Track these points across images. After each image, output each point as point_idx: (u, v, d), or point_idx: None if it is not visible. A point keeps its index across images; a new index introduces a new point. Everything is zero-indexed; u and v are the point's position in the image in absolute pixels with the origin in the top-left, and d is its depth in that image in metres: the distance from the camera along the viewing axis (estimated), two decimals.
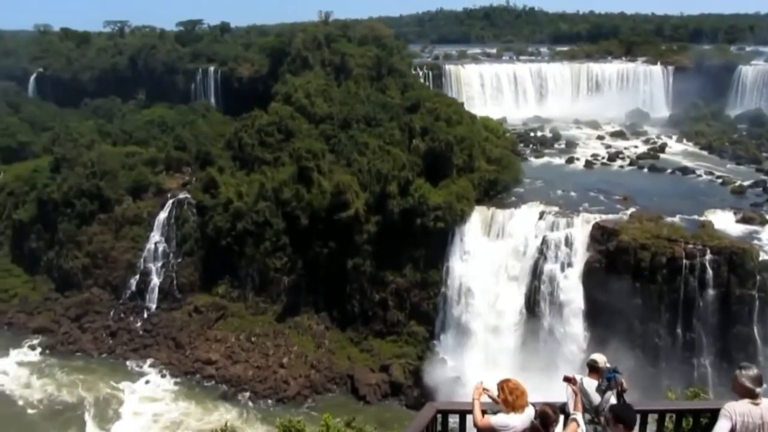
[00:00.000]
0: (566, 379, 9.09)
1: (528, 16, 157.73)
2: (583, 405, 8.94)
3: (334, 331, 51.68)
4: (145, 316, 55.62)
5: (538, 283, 44.27)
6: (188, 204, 57.55)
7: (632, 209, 45.57)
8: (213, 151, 60.17)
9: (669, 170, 57.11)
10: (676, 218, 43.75)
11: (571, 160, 60.85)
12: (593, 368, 9.45)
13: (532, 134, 70.82)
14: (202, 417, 45.10)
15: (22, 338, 55.33)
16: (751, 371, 7.65)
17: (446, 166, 50.78)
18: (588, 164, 59.61)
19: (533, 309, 44.52)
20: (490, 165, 52.74)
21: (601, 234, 42.84)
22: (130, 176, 59.76)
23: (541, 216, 45.84)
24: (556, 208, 46.40)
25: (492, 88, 78.99)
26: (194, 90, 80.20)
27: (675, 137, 69.06)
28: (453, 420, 9.59)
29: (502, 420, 8.23)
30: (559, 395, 9.13)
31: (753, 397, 7.55)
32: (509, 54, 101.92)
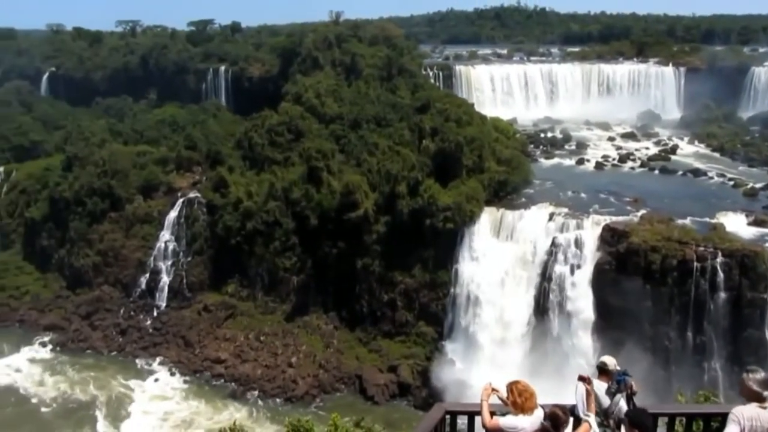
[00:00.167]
0: (581, 378, 9.04)
1: (539, 17, 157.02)
2: None
3: (343, 331, 51.75)
4: (155, 315, 55.97)
5: (548, 285, 44.10)
6: (198, 203, 57.84)
7: (643, 211, 45.24)
8: (223, 151, 60.37)
9: (680, 172, 56.74)
10: (687, 220, 43.45)
11: (582, 162, 60.61)
12: (603, 371, 9.41)
13: (543, 135, 70.54)
14: (212, 416, 45.26)
15: (34, 335, 55.92)
16: (759, 374, 7.56)
17: (456, 167, 50.71)
18: (598, 166, 59.34)
19: (542, 315, 44.22)
20: (500, 166, 52.61)
21: (612, 236, 42.60)
22: (141, 175, 60.15)
23: (551, 217, 45.66)
24: (566, 210, 46.23)
25: (502, 89, 78.68)
26: (205, 90, 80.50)
27: (686, 139, 68.64)
28: (461, 421, 9.57)
29: (511, 422, 8.22)
30: (568, 401, 9.08)
31: (761, 401, 7.45)
32: (520, 54, 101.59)
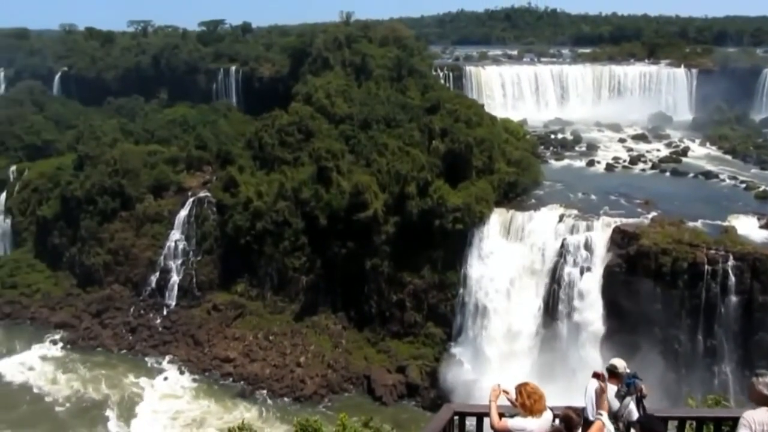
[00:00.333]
0: (595, 375, 9.02)
1: (550, 18, 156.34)
2: None
3: (352, 331, 51.78)
4: (165, 313, 56.25)
5: (557, 288, 43.88)
6: (208, 203, 58.06)
7: (653, 213, 44.98)
8: (233, 151, 60.57)
9: (691, 174, 56.38)
10: (699, 223, 43.15)
11: (592, 163, 60.35)
12: (613, 373, 9.40)
13: (553, 136, 70.29)
14: (223, 415, 45.34)
15: (44, 333, 56.38)
16: None
17: (465, 168, 50.64)
18: (609, 167, 59.07)
19: (551, 325, 43.99)
20: (510, 167, 52.48)
21: (622, 238, 42.41)
22: (152, 174, 60.45)
23: (561, 219, 45.50)
24: (576, 211, 46.06)
25: (513, 90, 78.41)
26: (215, 89, 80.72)
27: (698, 141, 68.17)
28: (470, 422, 9.58)
29: (520, 423, 8.22)
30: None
31: None
32: (530, 56, 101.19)
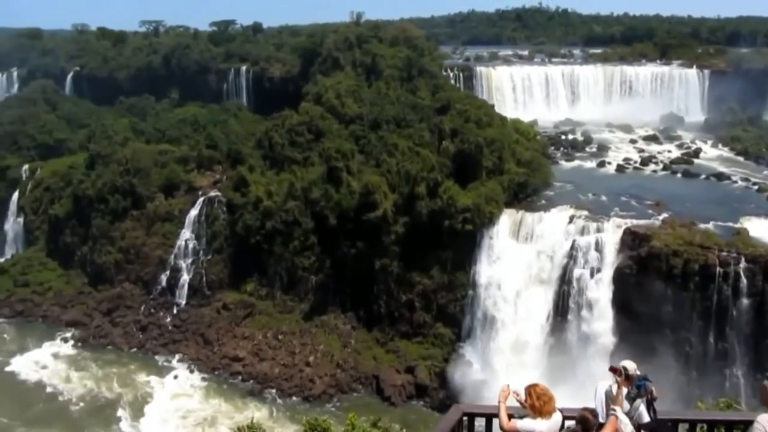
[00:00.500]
0: (612, 370, 8.98)
1: (561, 18, 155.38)
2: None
3: (361, 331, 51.78)
4: (175, 312, 56.48)
5: (568, 288, 43.65)
6: (219, 202, 58.27)
7: (665, 215, 44.67)
8: (244, 150, 60.74)
9: (703, 176, 55.95)
10: (710, 225, 42.86)
11: (603, 164, 60.05)
12: (623, 375, 9.32)
13: (563, 137, 69.90)
14: (234, 415, 45.28)
15: (56, 330, 56.75)
16: None
17: (475, 168, 50.54)
18: (620, 168, 58.77)
19: (560, 329, 43.74)
20: (520, 167, 52.31)
21: (632, 239, 42.16)
22: (163, 174, 60.72)
23: (571, 220, 45.29)
24: (587, 213, 45.82)
25: (523, 90, 78.12)
26: (226, 89, 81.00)
27: (710, 142, 67.67)
28: (479, 423, 9.55)
29: (529, 425, 8.20)
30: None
31: None
32: (541, 56, 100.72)
